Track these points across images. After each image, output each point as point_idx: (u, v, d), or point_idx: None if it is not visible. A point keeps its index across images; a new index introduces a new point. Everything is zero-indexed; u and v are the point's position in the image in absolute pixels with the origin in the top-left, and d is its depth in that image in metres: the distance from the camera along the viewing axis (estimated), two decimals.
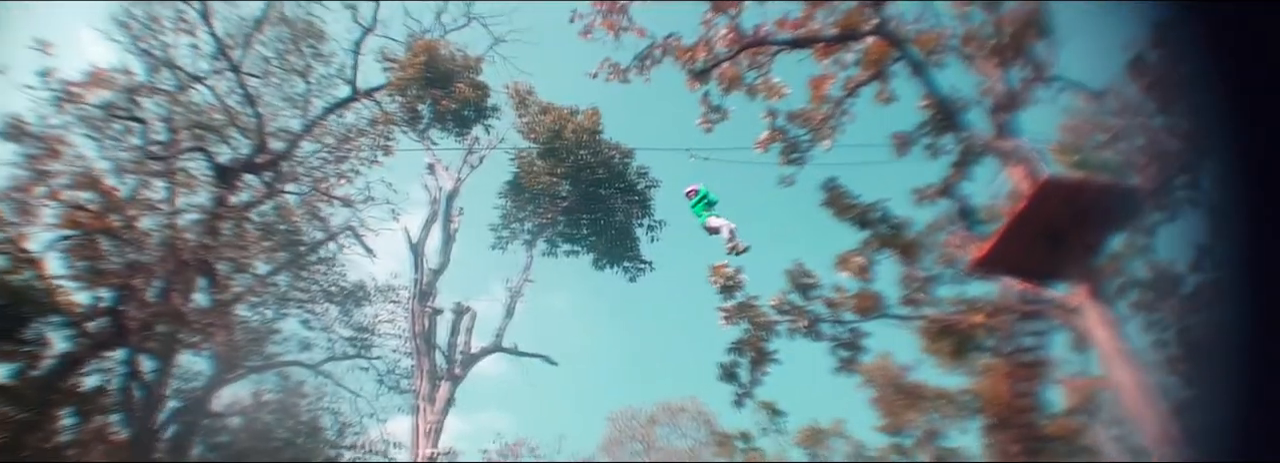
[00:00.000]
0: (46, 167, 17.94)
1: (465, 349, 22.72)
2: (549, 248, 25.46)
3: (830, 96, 22.79)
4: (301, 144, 22.77)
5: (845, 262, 23.69)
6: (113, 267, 17.91)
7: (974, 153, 21.15)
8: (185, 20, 21.74)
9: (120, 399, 16.96)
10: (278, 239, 20.80)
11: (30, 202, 17.50)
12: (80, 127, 18.93)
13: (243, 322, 19.53)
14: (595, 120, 25.94)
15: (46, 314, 16.51)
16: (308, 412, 19.05)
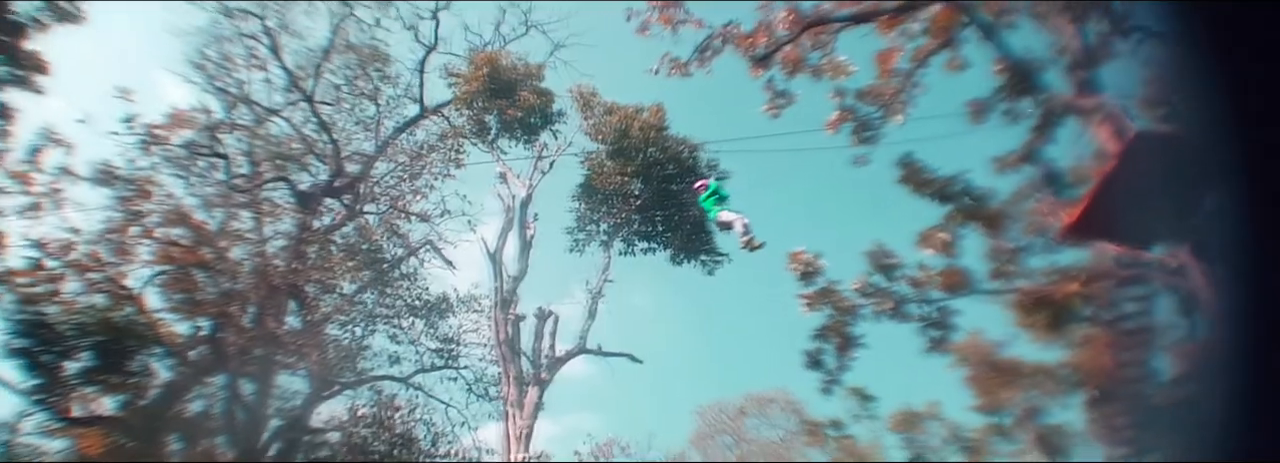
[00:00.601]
0: (139, 207, 18.97)
1: (550, 353, 22.99)
2: (625, 247, 25.51)
3: (898, 70, 22.17)
4: (376, 165, 23.49)
5: (928, 239, 22.97)
6: (208, 297, 18.81)
7: (1055, 114, 20.20)
8: (257, 56, 22.75)
9: (224, 422, 17.81)
10: (361, 259, 21.48)
11: (126, 241, 18.58)
12: (167, 166, 19.99)
13: (334, 340, 20.22)
14: (660, 117, 25.86)
15: (149, 346, 17.47)
16: (402, 424, 19.59)
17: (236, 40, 22.48)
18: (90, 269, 17.66)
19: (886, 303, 23.14)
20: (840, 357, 23.06)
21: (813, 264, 23.86)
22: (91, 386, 16.74)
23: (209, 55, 21.86)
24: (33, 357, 15.95)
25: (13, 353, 15.96)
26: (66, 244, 17.69)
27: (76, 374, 16.48)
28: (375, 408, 19.61)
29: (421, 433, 19.72)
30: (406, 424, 19.65)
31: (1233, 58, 2.53)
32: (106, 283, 17.71)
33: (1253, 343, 2.46)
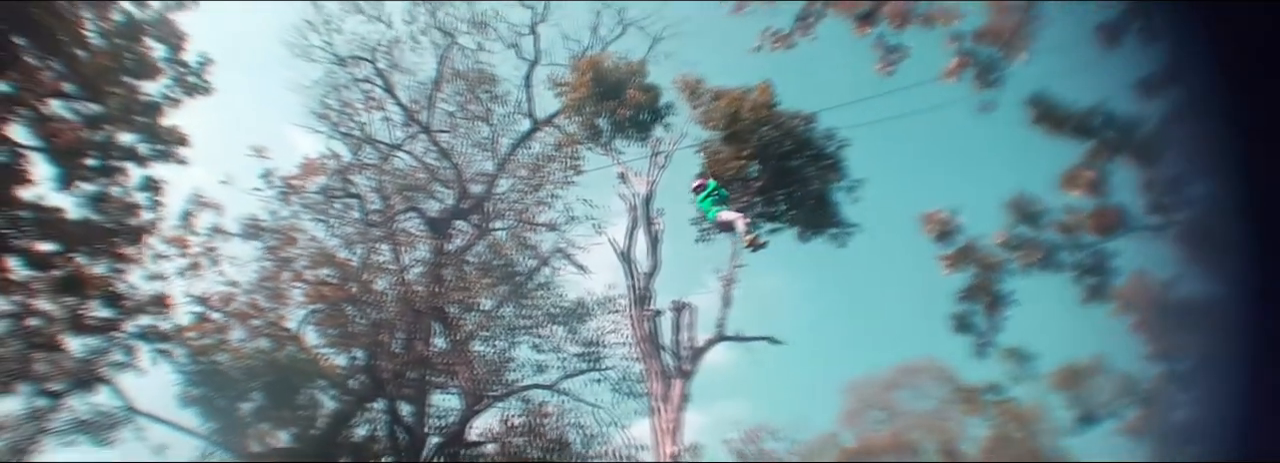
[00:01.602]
0: (287, 254, 20.50)
1: (690, 344, 22.95)
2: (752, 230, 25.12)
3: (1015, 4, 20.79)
4: (499, 182, 24.33)
5: (1072, 179, 21.29)
6: (360, 328, 20.11)
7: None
8: (373, 98, 24.10)
9: (388, 444, 19.02)
10: (496, 274, 22.31)
11: (280, 287, 20.13)
12: (307, 213, 21.50)
13: (480, 356, 21.11)
14: (769, 94, 25.25)
15: (313, 381, 18.88)
16: (553, 429, 20.22)
17: (352, 86, 23.90)
18: (251, 316, 19.29)
19: (1035, 254, 21.72)
20: (990, 317, 21.84)
21: (949, 223, 22.72)
22: (265, 422, 18.30)
23: (329, 104, 23.33)
24: (210, 402, 17.62)
25: (193, 401, 17.73)
26: (227, 296, 19.39)
27: (251, 413, 18.06)
28: (527, 417, 20.32)
29: (573, 437, 20.28)
30: (558, 430, 20.25)
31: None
32: (268, 327, 19.27)
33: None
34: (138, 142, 19.45)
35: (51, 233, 17.23)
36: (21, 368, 16.59)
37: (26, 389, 16.67)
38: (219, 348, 18.61)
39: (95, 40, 18.92)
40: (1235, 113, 10.41)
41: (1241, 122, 10.11)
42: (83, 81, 18.64)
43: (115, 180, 18.80)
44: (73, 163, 18.04)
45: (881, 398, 27.95)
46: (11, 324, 16.62)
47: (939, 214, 22.57)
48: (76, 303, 17.20)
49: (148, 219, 19.09)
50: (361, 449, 18.87)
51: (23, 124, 17.56)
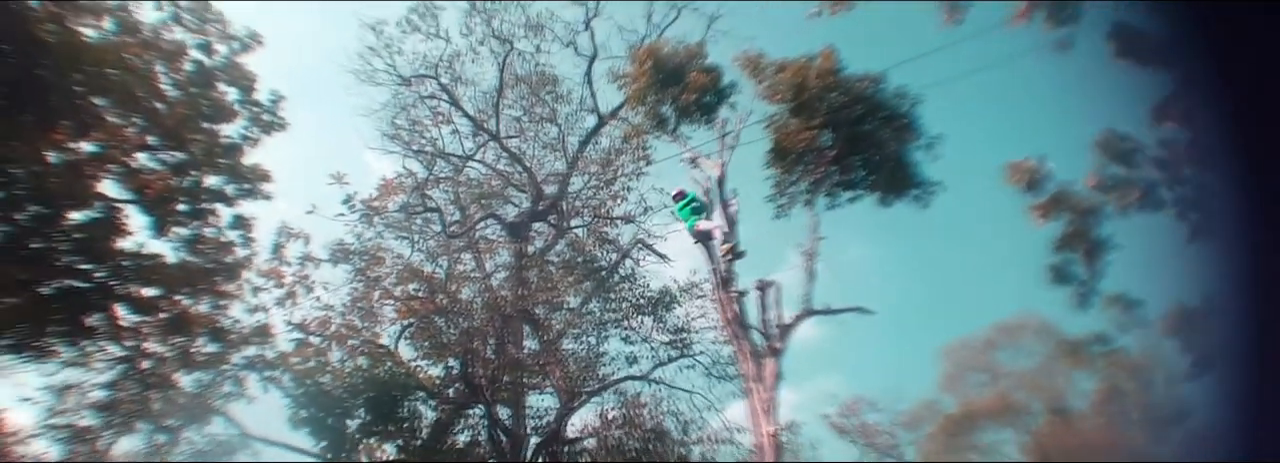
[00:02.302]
0: (375, 273, 21.25)
1: (779, 322, 22.62)
2: (830, 201, 24.45)
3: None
4: (572, 181, 24.50)
5: (1164, 111, 19.96)
6: (452, 338, 20.69)
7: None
8: (440, 113, 24.63)
9: (490, 448, 19.56)
10: (579, 272, 22.55)
11: (372, 306, 20.90)
12: (390, 232, 22.22)
13: (572, 354, 21.42)
14: (832, 60, 24.46)
15: (412, 393, 19.56)
16: (650, 419, 20.39)
17: (419, 104, 24.47)
18: (348, 337, 20.12)
19: (1132, 193, 20.54)
20: (1090, 264, 20.78)
21: (1036, 170, 21.72)
22: (371, 437, 19.10)
23: (399, 124, 23.96)
24: (319, 422, 18.51)
25: (302, 422, 18.67)
26: (324, 320, 20.27)
27: (357, 430, 18.88)
28: (623, 409, 20.55)
29: (671, 424, 20.40)
30: (655, 419, 20.40)
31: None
32: (364, 346, 20.07)
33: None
34: (223, 183, 20.41)
35: (154, 278, 18.32)
36: (140, 408, 17.84)
37: (146, 427, 17.94)
38: (321, 370, 19.49)
39: (171, 91, 19.89)
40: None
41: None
42: (165, 132, 19.64)
43: (207, 222, 19.80)
44: (165, 210, 19.08)
45: (981, 360, 26.89)
46: (126, 368, 17.87)
47: (1025, 163, 21.60)
48: (185, 342, 18.30)
49: (242, 255, 20.07)
50: (465, 455, 19.49)
51: (114, 179, 18.69)
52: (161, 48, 20.03)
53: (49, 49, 17.58)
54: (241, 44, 21.51)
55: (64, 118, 17.90)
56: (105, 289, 17.47)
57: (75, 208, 17.62)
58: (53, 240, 17.05)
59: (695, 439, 20.23)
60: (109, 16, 19.33)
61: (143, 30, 19.72)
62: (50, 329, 16.46)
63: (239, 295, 19.87)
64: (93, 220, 17.80)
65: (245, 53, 21.55)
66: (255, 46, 21.81)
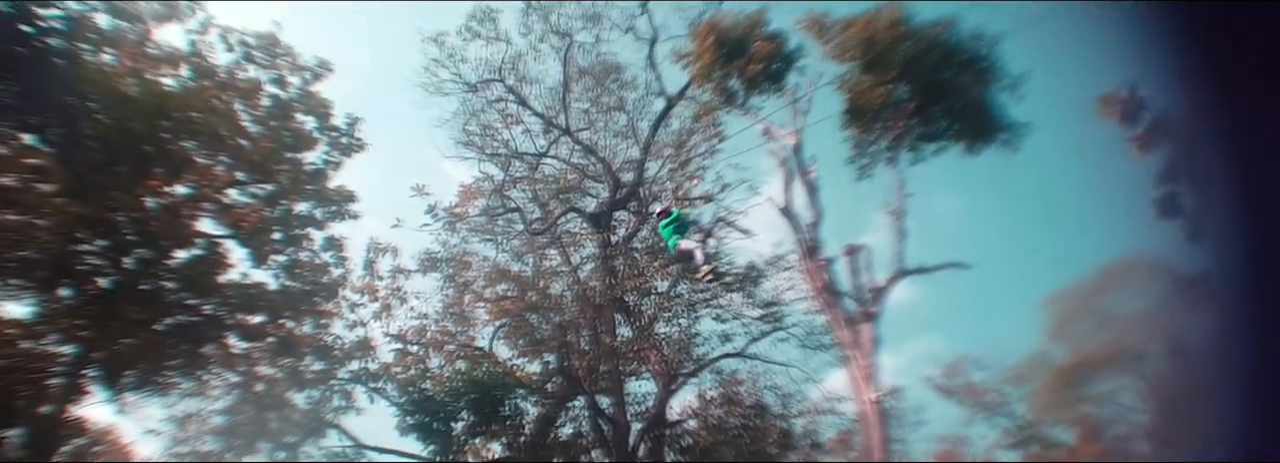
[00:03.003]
0: (464, 278, 21.72)
1: (872, 285, 21.91)
2: (913, 156, 23.41)
3: None
4: (647, 166, 24.29)
5: None
6: (546, 334, 20.97)
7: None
8: (509, 115, 24.81)
9: (594, 437, 19.75)
10: (664, 256, 22.39)
11: (465, 310, 21.39)
12: (475, 236, 22.63)
13: (665, 337, 21.35)
14: (899, 10, 23.36)
15: (512, 391, 19.94)
16: (749, 395, 20.16)
17: (488, 108, 24.73)
18: (445, 342, 20.67)
19: None
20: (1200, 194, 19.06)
21: (1131, 100, 20.04)
22: (477, 437, 19.60)
23: (471, 130, 24.27)
24: (426, 427, 19.12)
25: (410, 428, 19.33)
26: (420, 329, 20.88)
27: (464, 431, 19.42)
28: (721, 387, 20.38)
29: (770, 399, 20.11)
30: (754, 395, 20.15)
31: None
32: (462, 349, 20.57)
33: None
34: (312, 208, 21.26)
35: (258, 305, 19.29)
36: (258, 429, 18.87)
37: (265, 446, 18.98)
38: (423, 377, 20.10)
39: (252, 127, 20.77)
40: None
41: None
42: (252, 166, 20.57)
43: (301, 247, 20.69)
44: (261, 241, 20.03)
45: (1089, 306, 25.04)
46: (242, 392, 18.90)
47: (1118, 93, 19.96)
48: (293, 362, 19.21)
49: (337, 275, 20.91)
50: (570, 446, 19.74)
51: (210, 217, 19.72)
52: (238, 87, 20.93)
53: (135, 101, 18.59)
54: (313, 73, 22.25)
55: (157, 164, 18.95)
56: (215, 321, 18.49)
57: (178, 247, 18.68)
58: (161, 280, 18.13)
59: (796, 412, 19.88)
60: (184, 63, 20.30)
61: (218, 72, 20.64)
62: (168, 364, 17.52)
63: (338, 313, 20.72)
64: (196, 258, 18.85)
65: (317, 81, 22.30)
66: (326, 74, 22.52)
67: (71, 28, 18.21)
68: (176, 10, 20.43)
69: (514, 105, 24.71)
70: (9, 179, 17.05)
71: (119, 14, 19.14)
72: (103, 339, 16.38)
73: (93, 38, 18.45)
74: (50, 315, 16.52)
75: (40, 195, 17.27)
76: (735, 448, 19.29)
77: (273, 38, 21.85)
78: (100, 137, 17.96)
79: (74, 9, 18.44)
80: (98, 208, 17.54)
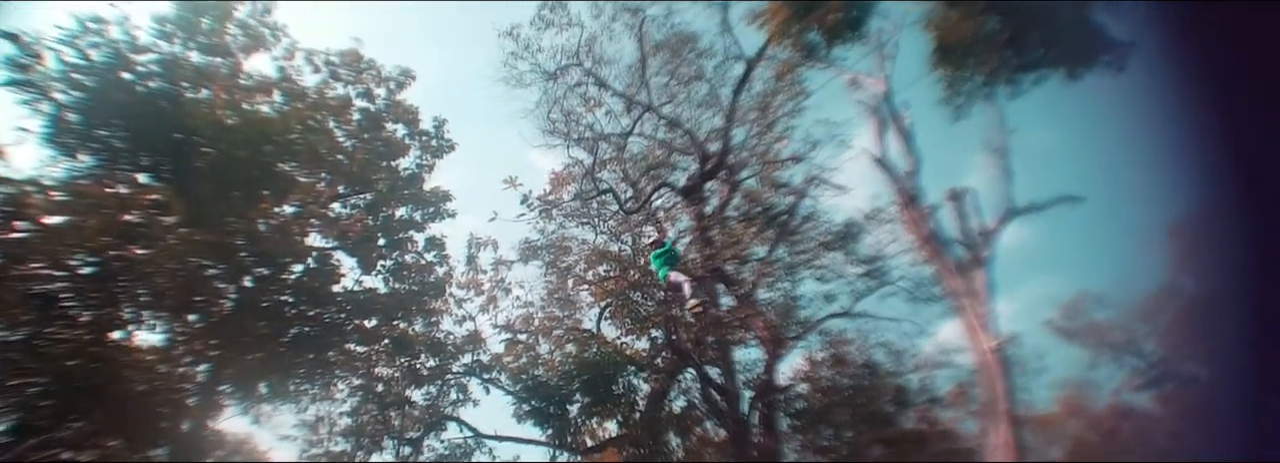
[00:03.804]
0: (565, 263, 21.87)
1: (980, 229, 20.65)
2: (1011, 89, 21.77)
3: None
4: (733, 132, 23.68)
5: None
6: (650, 310, 20.91)
7: None
8: (590, 98, 24.65)
9: (707, 408, 19.60)
10: (758, 221, 21.89)
11: (568, 294, 21.56)
12: (571, 221, 22.69)
13: (769, 303, 20.91)
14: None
15: (622, 370, 20.00)
16: (859, 354, 19.48)
17: (569, 94, 24.62)
18: (552, 328, 20.91)
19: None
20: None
21: None
22: (592, 417, 19.78)
23: (555, 118, 24.24)
24: (542, 412, 19.46)
25: (527, 415, 19.72)
26: (527, 317, 21.20)
27: (579, 413, 19.65)
28: (829, 348, 19.80)
29: (882, 357, 19.38)
30: (864, 353, 19.48)
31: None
32: (569, 333, 20.76)
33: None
34: (411, 211, 21.92)
35: (371, 310, 20.07)
36: (382, 427, 19.68)
37: (390, 443, 19.77)
38: (534, 364, 20.42)
39: (346, 142, 21.52)
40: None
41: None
42: (350, 179, 21.37)
43: (405, 250, 21.37)
44: (367, 248, 20.81)
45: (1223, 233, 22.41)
46: (364, 393, 19.74)
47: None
48: (409, 361, 19.91)
49: (441, 273, 21.49)
50: (684, 419, 19.67)
51: (317, 231, 20.60)
52: (329, 105, 21.71)
53: (237, 130, 19.55)
54: (396, 83, 22.84)
55: (264, 187, 19.92)
56: (333, 328, 19.36)
57: (292, 263, 19.60)
58: (280, 295, 19.10)
59: (910, 368, 19.05)
60: (276, 89, 21.20)
61: (308, 94, 21.46)
62: (294, 373, 18.48)
63: (447, 310, 21.31)
64: (309, 271, 19.75)
65: (401, 90, 22.87)
66: (409, 82, 23.05)
67: (168, 69, 19.36)
68: (261, 40, 21.33)
69: (594, 88, 24.52)
70: (134, 216, 18.15)
71: (209, 50, 20.14)
72: (232, 356, 17.41)
73: (188, 75, 19.52)
74: (182, 339, 17.68)
75: (164, 228, 18.35)
76: (849, 409, 18.70)
77: (355, 54, 22.55)
78: (210, 167, 19.02)
79: (167, 51, 19.60)
80: (218, 234, 18.55)
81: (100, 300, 16.46)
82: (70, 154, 17.87)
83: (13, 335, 14.98)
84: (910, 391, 19.05)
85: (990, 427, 17.27)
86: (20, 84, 17.04)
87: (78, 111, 18.06)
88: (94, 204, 17.46)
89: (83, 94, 18.11)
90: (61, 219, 17.27)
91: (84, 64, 18.25)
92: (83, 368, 15.12)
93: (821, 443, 19.20)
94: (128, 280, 17.31)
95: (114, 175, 18.40)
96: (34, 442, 14.07)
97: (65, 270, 16.61)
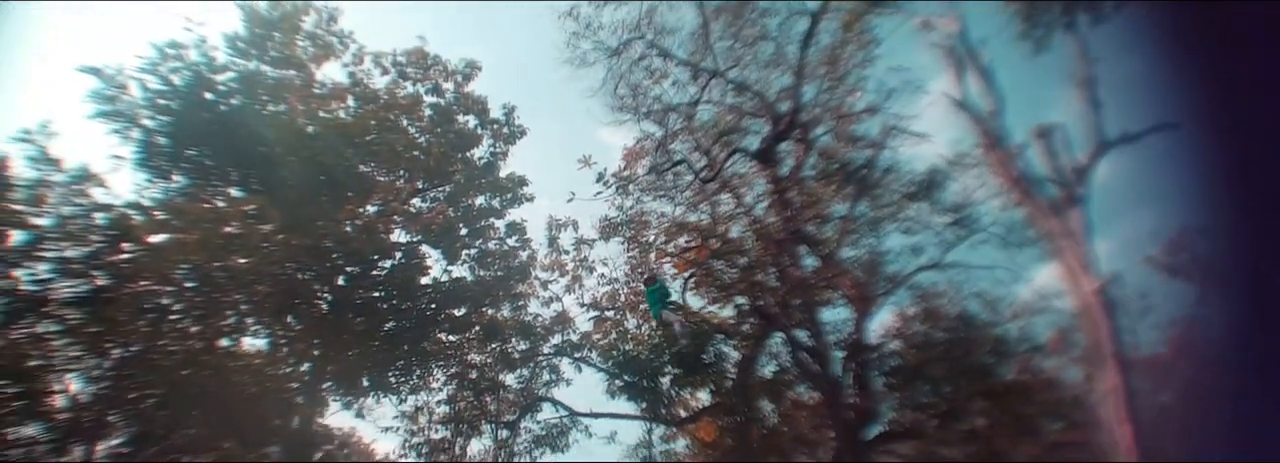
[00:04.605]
0: (645, 237, 21.70)
1: (1072, 166, 19.22)
2: (1093, 16, 20.15)
3: None
4: (803, 90, 22.81)
5: None
6: (733, 277, 20.52)
7: None
8: (655, 69, 24.19)
9: (799, 372, 19.12)
10: (835, 178, 21.13)
11: (652, 268, 21.35)
12: (647, 195, 22.42)
13: (854, 261, 20.19)
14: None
15: (711, 339, 19.75)
16: (953, 306, 18.56)
17: (633, 68, 24.23)
18: (638, 302, 20.78)
19: None
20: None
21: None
22: (684, 388, 19.62)
23: (622, 93, 23.92)
24: (634, 387, 19.42)
25: (619, 391, 19.71)
26: (612, 293, 21.15)
27: (671, 385, 19.53)
28: (920, 303, 18.97)
29: (976, 306, 18.41)
30: (956, 305, 18.57)
31: None
32: None
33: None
34: (489, 199, 22.19)
35: (459, 299, 20.47)
36: (478, 412, 20.05)
37: (488, 427, 20.11)
38: (622, 339, 20.37)
39: (420, 138, 21.91)
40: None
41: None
42: (428, 173, 21.77)
43: (487, 237, 21.67)
44: (450, 239, 21.20)
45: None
46: (459, 381, 20.15)
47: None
48: (500, 346, 20.21)
49: (525, 257, 21.69)
50: (775, 384, 19.26)
51: (401, 227, 21.11)
52: (401, 104, 22.15)
53: (317, 137, 20.20)
54: (463, 75, 23.07)
55: (348, 189, 20.54)
56: (425, 319, 19.85)
57: (381, 260, 20.17)
58: (371, 292, 19.70)
59: (1008, 317, 18.00)
60: (349, 95, 21.76)
61: (380, 95, 21.95)
62: (392, 365, 19.05)
63: (533, 293, 21.49)
64: (397, 266, 20.29)
65: (468, 82, 23.09)
66: (475, 73, 23.25)
67: (246, 86, 20.13)
68: (330, 48, 21.90)
69: (658, 60, 24.05)
70: (233, 228, 19.00)
71: (282, 63, 20.81)
72: (332, 354, 18.06)
73: (266, 90, 20.24)
74: (284, 342, 18.47)
75: (261, 236, 19.14)
76: (946, 363, 17.83)
77: (420, 52, 22.87)
78: (296, 175, 19.73)
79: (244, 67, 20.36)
80: (312, 238, 19.23)
81: (206, 311, 17.28)
82: (164, 176, 18.85)
83: (128, 352, 15.89)
84: (1009, 340, 17.97)
85: (1096, 372, 16.21)
86: (109, 115, 17.97)
87: (166, 135, 19.00)
88: (194, 220, 18.35)
89: (169, 118, 19.02)
90: (164, 237, 18.23)
91: (167, 89, 19.12)
92: (196, 376, 15.93)
93: (920, 400, 18.38)
94: (231, 289, 18.13)
95: (207, 191, 19.30)
96: (154, 450, 14.96)
97: (172, 285, 17.52)
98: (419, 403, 20.30)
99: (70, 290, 15.95)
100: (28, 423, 15.17)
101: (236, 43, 20.19)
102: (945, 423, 17.70)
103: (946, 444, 18.06)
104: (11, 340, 15.11)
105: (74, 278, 16.02)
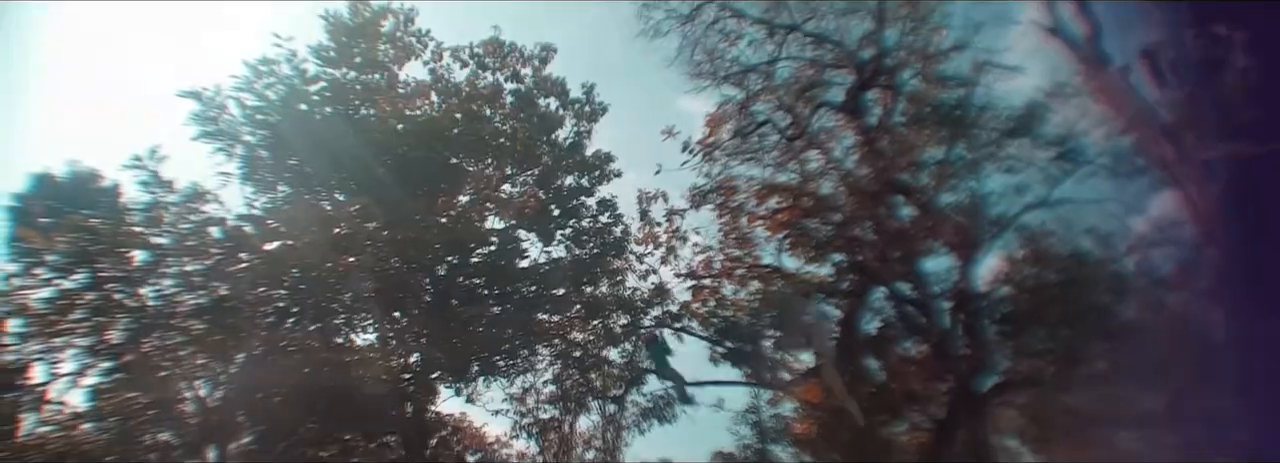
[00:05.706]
0: (735, 202, 21.24)
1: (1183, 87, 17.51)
2: None
3: None
4: (883, 35, 21.62)
5: None
6: (828, 234, 19.90)
7: None
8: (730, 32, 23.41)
9: (903, 325, 18.33)
10: (928, 123, 20.06)
11: (744, 232, 20.93)
12: (734, 159, 21.88)
13: (953, 206, 19.15)
14: None
15: (811, 298, 19.23)
16: (1063, 245, 17.32)
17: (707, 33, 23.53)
18: (733, 268, 20.42)
19: None
20: None
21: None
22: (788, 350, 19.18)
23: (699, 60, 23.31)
24: (736, 353, 19.13)
25: (723, 357, 19.45)
26: (707, 261, 20.84)
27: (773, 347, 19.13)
28: (1028, 244, 17.81)
29: (1089, 243, 17.12)
30: (1068, 242, 17.34)
31: None
32: (751, 271, 20.19)
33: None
34: (578, 178, 22.20)
35: (558, 279, 20.61)
36: (585, 389, 20.18)
37: (595, 403, 20.23)
38: (722, 306, 20.07)
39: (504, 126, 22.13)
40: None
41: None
42: (515, 159, 21.98)
43: (579, 216, 21.72)
44: (543, 221, 21.37)
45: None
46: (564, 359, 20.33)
47: None
48: (601, 322, 20.27)
49: (618, 232, 21.62)
50: (881, 340, 18.54)
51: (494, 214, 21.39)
52: (482, 94, 22.39)
53: (408, 135, 20.72)
54: (540, 59, 23.10)
55: (441, 182, 21.00)
56: (526, 302, 20.11)
57: (478, 248, 20.55)
58: (472, 279, 20.12)
59: (1125, 251, 16.63)
60: (432, 91, 22.18)
61: (461, 88, 22.26)
62: (498, 350, 19.42)
63: (629, 266, 21.40)
64: (494, 252, 20.62)
65: (545, 66, 23.10)
66: (551, 56, 23.24)
67: (335, 94, 20.80)
68: (409, 49, 22.32)
69: (731, 21, 23.30)
70: (340, 229, 19.73)
71: (366, 68, 21.35)
72: (439, 343, 18.57)
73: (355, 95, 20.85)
74: (393, 334, 19.13)
75: (367, 234, 19.80)
76: (1061, 305, 16.66)
77: (495, 42, 22.99)
78: (391, 173, 20.28)
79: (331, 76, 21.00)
80: (415, 231, 19.77)
81: (320, 311, 18.05)
82: (269, 187, 19.73)
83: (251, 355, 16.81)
84: (1127, 276, 16.62)
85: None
86: (212, 135, 18.93)
87: (267, 148, 19.87)
88: (304, 225, 19.15)
89: (267, 132, 19.86)
90: (277, 244, 19.11)
91: (263, 105, 19.95)
92: (315, 374, 16.67)
93: (1035, 347, 17.27)
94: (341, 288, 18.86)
95: (311, 197, 20.10)
96: (282, 446, 15.81)
97: (287, 289, 18.38)
98: (526, 384, 20.65)
99: (193, 302, 16.95)
100: (162, 429, 16.33)
101: (323, 52, 20.77)
102: (1064, 369, 16.56)
103: (1067, 391, 16.92)
104: (143, 354, 16.21)
105: (196, 290, 17.01)
